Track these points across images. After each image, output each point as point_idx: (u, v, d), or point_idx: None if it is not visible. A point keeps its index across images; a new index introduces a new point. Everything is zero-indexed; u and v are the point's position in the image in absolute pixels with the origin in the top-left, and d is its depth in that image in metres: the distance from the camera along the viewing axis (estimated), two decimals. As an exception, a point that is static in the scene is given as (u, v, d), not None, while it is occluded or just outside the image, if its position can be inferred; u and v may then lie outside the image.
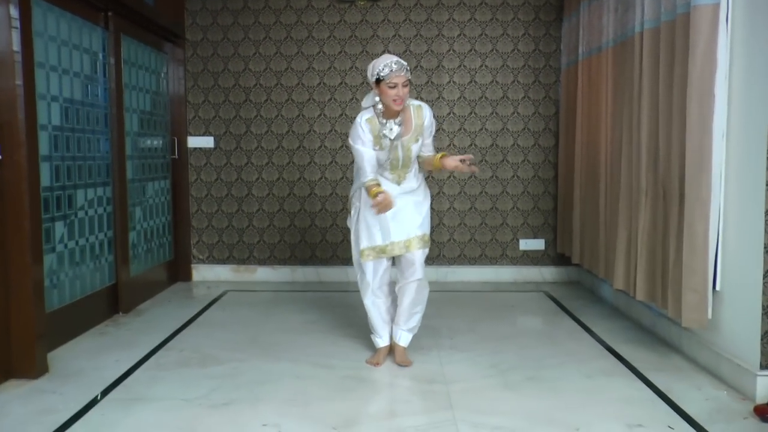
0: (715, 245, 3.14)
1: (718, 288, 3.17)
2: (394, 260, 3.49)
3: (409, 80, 3.17)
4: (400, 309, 3.45)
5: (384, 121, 3.24)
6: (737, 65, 3.04)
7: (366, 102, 3.36)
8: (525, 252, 5.63)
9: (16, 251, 3.21)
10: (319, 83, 5.52)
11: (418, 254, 3.37)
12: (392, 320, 3.51)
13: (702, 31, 3.04)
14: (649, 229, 3.65)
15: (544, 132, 5.54)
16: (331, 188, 5.58)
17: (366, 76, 3.48)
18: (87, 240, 4.09)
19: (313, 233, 5.62)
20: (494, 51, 5.47)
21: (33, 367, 3.23)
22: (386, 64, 3.11)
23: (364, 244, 3.41)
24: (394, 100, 3.13)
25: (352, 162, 5.47)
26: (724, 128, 3.10)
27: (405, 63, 3.17)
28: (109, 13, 4.37)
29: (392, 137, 3.23)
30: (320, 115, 5.54)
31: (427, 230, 3.44)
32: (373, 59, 3.51)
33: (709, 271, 3.12)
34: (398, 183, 3.36)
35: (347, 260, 5.56)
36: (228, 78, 5.56)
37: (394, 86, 3.11)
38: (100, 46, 4.32)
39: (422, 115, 3.32)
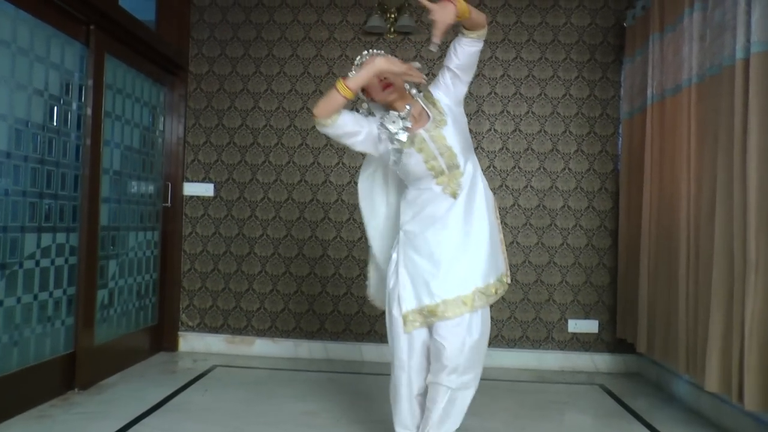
0: None
1: None
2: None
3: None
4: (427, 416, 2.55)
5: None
6: None
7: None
8: (574, 335, 4.69)
9: None
10: (339, 127, 4.76)
11: (464, 320, 2.43)
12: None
13: None
14: (762, 315, 2.74)
15: (600, 192, 4.69)
16: (347, 249, 4.75)
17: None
18: (35, 297, 3.27)
19: (323, 302, 4.76)
20: (543, 95, 4.69)
21: None
22: (360, 57, 2.50)
23: (407, 305, 2.50)
24: (384, 87, 2.43)
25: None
26: None
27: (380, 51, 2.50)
28: (92, 27, 3.67)
29: (395, 131, 2.45)
30: (338, 163, 4.76)
31: (494, 276, 2.53)
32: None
33: None
34: (454, 195, 2.49)
35: (362, 335, 4.68)
36: (234, 117, 4.84)
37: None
38: (76, 63, 3.61)
39: (430, 93, 2.56)
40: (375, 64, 2.33)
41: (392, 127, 2.44)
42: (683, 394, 3.84)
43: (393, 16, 4.68)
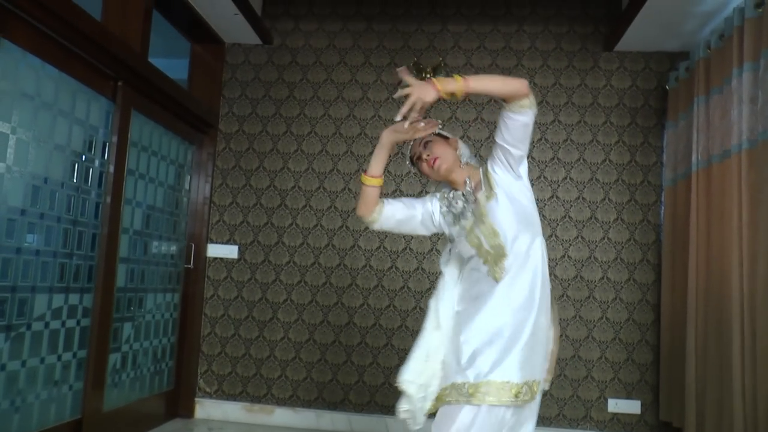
0: None
1: None
2: None
3: (438, 135, 2.35)
4: None
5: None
6: None
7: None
8: (615, 415, 4.35)
9: None
10: (368, 189, 4.62)
11: (455, 413, 2.14)
12: None
13: None
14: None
15: (642, 264, 4.43)
16: (374, 318, 4.53)
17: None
18: (42, 360, 3.12)
19: (347, 371, 4.52)
20: (581, 160, 4.50)
21: None
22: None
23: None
24: (429, 164, 2.29)
25: (402, 288, 4.49)
26: None
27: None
28: (120, 83, 3.63)
29: (458, 212, 2.32)
30: (367, 228, 4.60)
31: (532, 376, 2.20)
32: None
33: None
34: (496, 279, 2.21)
35: (388, 408, 4.41)
36: (262, 178, 4.73)
37: (419, 157, 2.33)
38: (101, 119, 3.55)
39: (488, 168, 2.31)
40: (381, 139, 2.26)
41: (456, 209, 2.33)
42: (737, 489, 3.47)
43: (428, 75, 4.58)
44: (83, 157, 3.39)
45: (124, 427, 3.84)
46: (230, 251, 4.70)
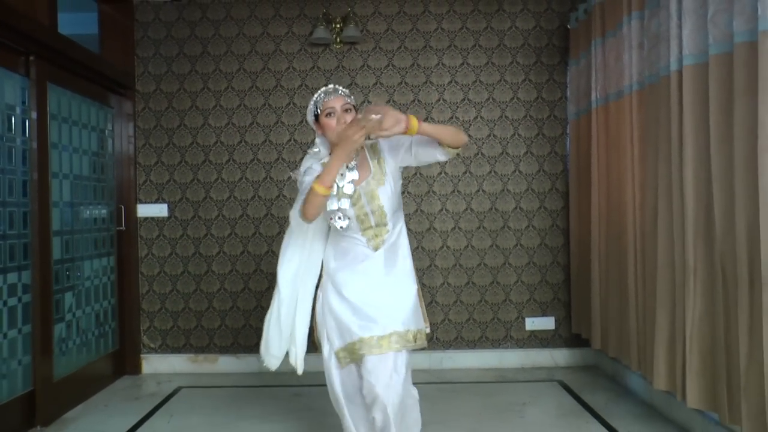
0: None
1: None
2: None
3: (353, 106, 2.51)
4: None
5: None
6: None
7: (307, 160, 2.60)
8: (532, 332, 4.80)
9: None
10: (289, 140, 4.77)
11: (389, 358, 2.47)
12: None
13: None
14: (701, 319, 2.85)
15: (551, 193, 4.79)
16: (305, 261, 4.76)
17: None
18: (-11, 340, 3.24)
19: (284, 314, 4.77)
20: (491, 100, 4.75)
21: None
22: (318, 93, 2.51)
23: (337, 344, 2.57)
24: (342, 124, 2.46)
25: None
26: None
27: (342, 88, 2.53)
28: (31, 58, 3.61)
29: (342, 184, 2.46)
30: (290, 177, 4.77)
31: (414, 325, 2.55)
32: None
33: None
34: (376, 248, 2.57)
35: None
36: (184, 135, 4.80)
37: (332, 112, 2.46)
38: (17, 97, 3.54)
39: (378, 147, 2.59)
40: (340, 148, 2.31)
41: (338, 181, 2.45)
42: (637, 389, 3.97)
43: (338, 26, 4.68)
44: (3, 137, 3.41)
45: (76, 392, 4.01)
46: (160, 210, 4.79)
